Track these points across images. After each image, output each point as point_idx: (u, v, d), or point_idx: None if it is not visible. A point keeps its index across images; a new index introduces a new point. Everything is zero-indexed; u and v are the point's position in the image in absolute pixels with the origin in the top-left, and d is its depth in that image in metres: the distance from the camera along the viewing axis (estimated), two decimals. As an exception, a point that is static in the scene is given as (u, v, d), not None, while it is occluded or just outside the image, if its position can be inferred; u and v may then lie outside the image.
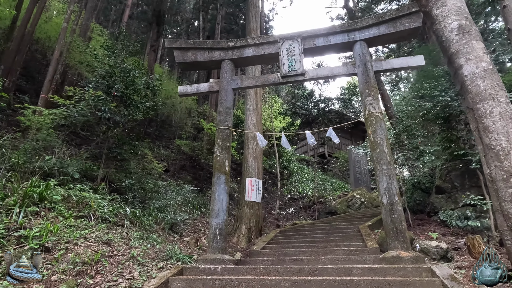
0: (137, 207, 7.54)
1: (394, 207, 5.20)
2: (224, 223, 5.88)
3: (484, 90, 3.63)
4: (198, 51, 7.35)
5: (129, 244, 5.35)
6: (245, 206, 8.94)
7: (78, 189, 5.94)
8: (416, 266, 4.32)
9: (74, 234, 4.71)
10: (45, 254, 4.11)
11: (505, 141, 3.44)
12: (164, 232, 7.16)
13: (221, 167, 6.23)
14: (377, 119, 5.81)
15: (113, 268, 4.35)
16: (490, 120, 3.54)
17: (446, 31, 3.96)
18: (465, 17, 3.92)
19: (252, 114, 10.03)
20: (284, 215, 14.38)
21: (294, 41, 6.82)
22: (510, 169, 3.39)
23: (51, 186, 5.58)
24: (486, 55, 3.74)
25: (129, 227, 6.32)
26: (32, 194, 5.05)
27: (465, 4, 4.07)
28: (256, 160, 9.42)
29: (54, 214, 5.08)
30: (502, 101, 3.55)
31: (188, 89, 7.30)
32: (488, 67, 3.67)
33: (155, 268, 4.79)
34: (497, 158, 3.48)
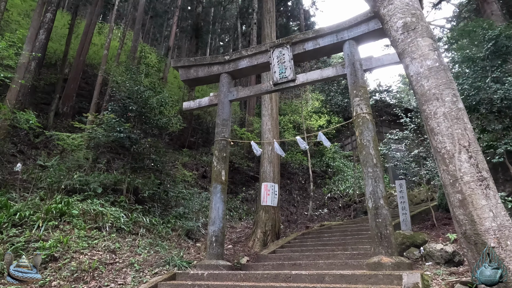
0: (158, 215, 8.27)
1: (379, 211, 5.04)
2: (220, 231, 6.21)
3: (428, 90, 3.45)
4: (199, 68, 7.82)
5: (134, 251, 5.98)
6: (261, 210, 9.16)
7: (95, 204, 6.77)
8: (388, 273, 4.19)
9: (82, 244, 5.45)
10: (52, 262, 4.87)
11: (450, 144, 3.25)
12: (179, 238, 7.75)
13: (217, 177, 6.59)
14: (364, 120, 5.65)
15: (109, 274, 4.97)
16: (435, 122, 3.36)
17: (393, 30, 3.81)
18: (411, 13, 3.73)
19: (267, 119, 10.23)
20: (318, 216, 14.23)
21: (284, 48, 6.89)
22: (455, 173, 3.20)
23: (72, 202, 6.48)
24: (432, 51, 3.53)
25: (144, 235, 7.02)
26: (53, 210, 5.95)
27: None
28: (271, 165, 9.59)
29: (70, 227, 5.92)
30: (448, 100, 3.34)
31: (191, 104, 7.80)
32: (434, 65, 3.47)
33: (150, 273, 5.32)
34: (444, 162, 3.30)
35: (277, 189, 9.35)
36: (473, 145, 3.21)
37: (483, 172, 3.12)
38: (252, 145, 7.04)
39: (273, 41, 7.23)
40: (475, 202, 3.07)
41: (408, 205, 7.06)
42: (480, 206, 3.05)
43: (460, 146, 3.21)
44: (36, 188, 7.30)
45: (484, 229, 3.01)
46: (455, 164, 3.20)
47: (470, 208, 3.11)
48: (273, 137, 9.72)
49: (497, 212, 3.01)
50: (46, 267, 4.74)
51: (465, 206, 3.15)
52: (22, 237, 5.23)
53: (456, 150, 3.21)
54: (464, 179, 3.14)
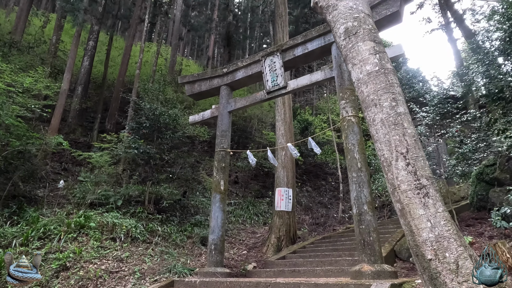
0: (176, 223, 8.79)
1: (362, 217, 4.90)
2: (219, 239, 6.47)
3: (367, 97, 3.35)
4: (202, 82, 8.19)
5: (142, 260, 6.49)
6: (275, 216, 9.23)
7: (112, 216, 7.44)
8: (360, 282, 4.10)
9: (93, 254, 6.08)
10: (64, 271, 5.52)
11: (387, 151, 3.14)
12: (193, 246, 8.16)
13: (216, 187, 6.86)
14: (349, 123, 5.51)
15: (112, 282, 5.49)
16: (374, 129, 3.26)
17: (337, 37, 3.75)
18: (353, 17, 3.63)
19: (280, 124, 10.26)
20: (349, 218, 13.78)
21: (274, 56, 6.96)
22: (393, 182, 3.08)
23: (91, 216, 7.22)
24: (373, 55, 3.42)
25: (158, 243, 7.54)
26: (72, 224, 6.70)
27: (361, 0, 3.75)
28: (285, 170, 9.61)
29: (87, 238, 6.62)
30: (386, 105, 3.22)
31: (196, 118, 8.18)
32: (373, 70, 3.36)
33: (150, 281, 5.76)
34: (384, 170, 3.19)
35: (291, 194, 9.35)
36: (412, 151, 3.05)
37: (421, 180, 2.96)
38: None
39: (265, 49, 7.32)
40: (413, 211, 2.93)
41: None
42: (417, 216, 2.90)
43: (397, 153, 3.07)
44: (69, 203, 8.23)
45: (421, 240, 2.86)
46: (393, 172, 3.08)
47: (408, 218, 2.98)
48: (287, 142, 9.71)
49: (435, 222, 2.84)
50: (58, 276, 5.41)
51: (404, 216, 3.02)
52: (44, 249, 5.99)
53: (393, 157, 3.09)
54: (401, 187, 3.01)
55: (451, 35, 19.57)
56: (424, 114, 8.42)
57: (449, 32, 19.69)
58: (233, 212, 12.08)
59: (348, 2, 3.73)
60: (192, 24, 33.11)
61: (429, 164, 5.90)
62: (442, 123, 8.99)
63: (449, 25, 19.85)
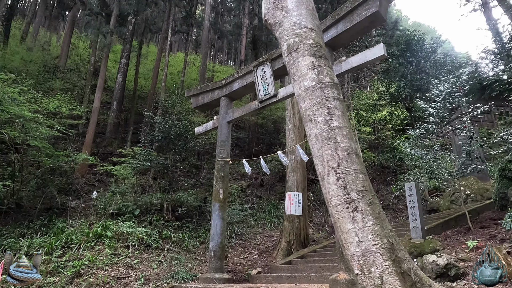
0: (191, 229, 9.26)
1: (341, 225, 4.88)
2: (219, 246, 6.76)
3: (304, 112, 3.43)
4: (204, 94, 8.57)
5: (150, 266, 7.00)
6: (286, 220, 9.31)
7: (128, 225, 8.08)
8: (328, 292, 4.13)
9: (105, 261, 6.70)
10: (77, 278, 6.18)
11: (321, 166, 3.20)
12: (205, 251, 8.54)
13: (216, 195, 7.17)
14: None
15: (117, 287, 6.03)
16: (310, 144, 3.35)
17: (283, 53, 3.84)
18: (295, 33, 3.70)
19: (289, 128, 10.30)
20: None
21: (265, 65, 7.09)
22: (326, 196, 3.15)
23: (109, 225, 7.91)
24: (311, 70, 3.48)
25: (170, 249, 8.04)
26: (91, 234, 7.43)
27: (305, 15, 3.79)
28: (295, 174, 9.63)
29: (103, 246, 7.29)
30: (320, 120, 3.28)
31: (201, 129, 8.57)
32: (310, 85, 3.43)
33: (153, 286, 6.22)
34: (321, 184, 3.24)
35: (301, 198, 9.36)
36: (343, 165, 3.08)
37: (351, 194, 2.99)
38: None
39: (257, 59, 7.48)
40: (342, 226, 2.98)
41: (419, 210, 6.32)
42: (346, 230, 2.95)
43: (329, 167, 3.13)
44: (92, 213, 9.08)
45: (350, 254, 2.90)
46: (325, 187, 3.14)
47: (339, 233, 3.03)
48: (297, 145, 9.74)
49: (362, 237, 2.86)
50: (72, 282, 6.07)
51: (336, 230, 3.08)
52: (64, 257, 6.74)
53: (326, 172, 3.14)
54: (332, 202, 3.07)
55: (490, 15, 18.12)
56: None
57: (488, 12, 18.25)
58: (254, 216, 12.33)
59: (292, 18, 3.81)
60: (222, 30, 33.94)
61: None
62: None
63: (487, 4, 18.41)
